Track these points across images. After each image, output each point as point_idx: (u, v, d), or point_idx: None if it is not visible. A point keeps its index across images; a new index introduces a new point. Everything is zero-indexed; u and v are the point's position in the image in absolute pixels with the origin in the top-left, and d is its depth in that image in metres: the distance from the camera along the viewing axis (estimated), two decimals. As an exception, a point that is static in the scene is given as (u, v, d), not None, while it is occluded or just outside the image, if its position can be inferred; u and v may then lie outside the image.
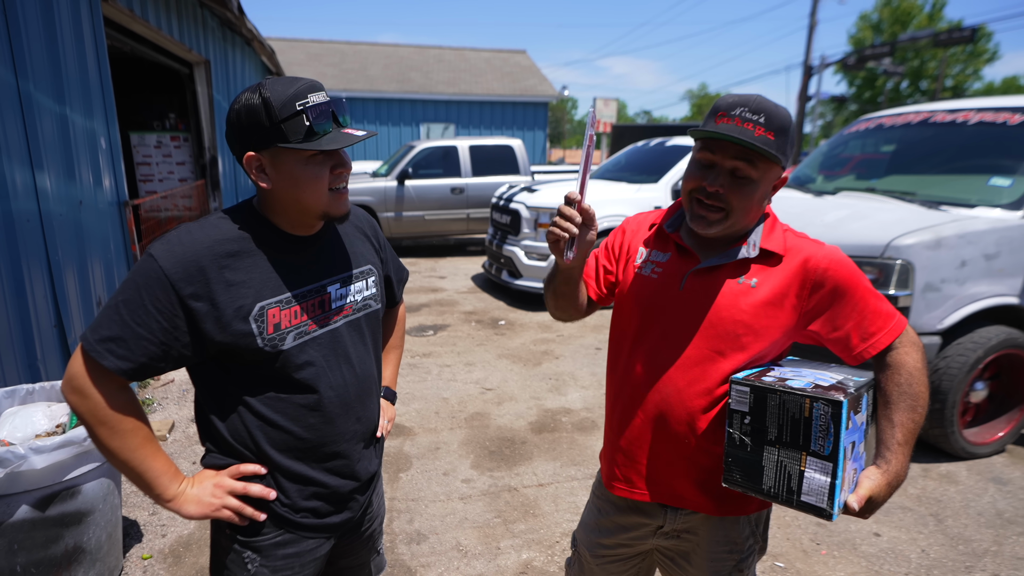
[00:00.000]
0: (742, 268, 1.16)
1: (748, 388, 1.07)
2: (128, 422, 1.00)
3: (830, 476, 0.99)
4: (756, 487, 1.07)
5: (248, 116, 0.98)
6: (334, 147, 0.98)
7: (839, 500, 1.00)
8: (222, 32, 6.86)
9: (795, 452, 1.02)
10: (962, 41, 16.89)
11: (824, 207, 3.57)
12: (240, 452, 1.08)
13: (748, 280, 1.15)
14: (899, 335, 1.13)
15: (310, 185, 1.02)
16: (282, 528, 1.11)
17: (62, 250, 2.91)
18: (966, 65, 33.30)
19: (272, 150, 0.99)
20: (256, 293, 1.02)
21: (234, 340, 1.00)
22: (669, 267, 1.21)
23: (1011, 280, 3.04)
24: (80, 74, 3.23)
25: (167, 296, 0.96)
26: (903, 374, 1.11)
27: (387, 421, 1.39)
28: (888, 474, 1.08)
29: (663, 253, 1.24)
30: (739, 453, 1.09)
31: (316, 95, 0.99)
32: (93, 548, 2.01)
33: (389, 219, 8.49)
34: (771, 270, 1.15)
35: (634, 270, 1.27)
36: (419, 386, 4.06)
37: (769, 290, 1.14)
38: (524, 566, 2.30)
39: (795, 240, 1.18)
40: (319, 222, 1.12)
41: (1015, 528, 2.58)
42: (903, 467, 1.08)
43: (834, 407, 0.98)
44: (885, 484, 1.07)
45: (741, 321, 1.14)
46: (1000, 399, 3.25)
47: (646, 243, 1.29)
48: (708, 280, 1.17)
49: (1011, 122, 3.41)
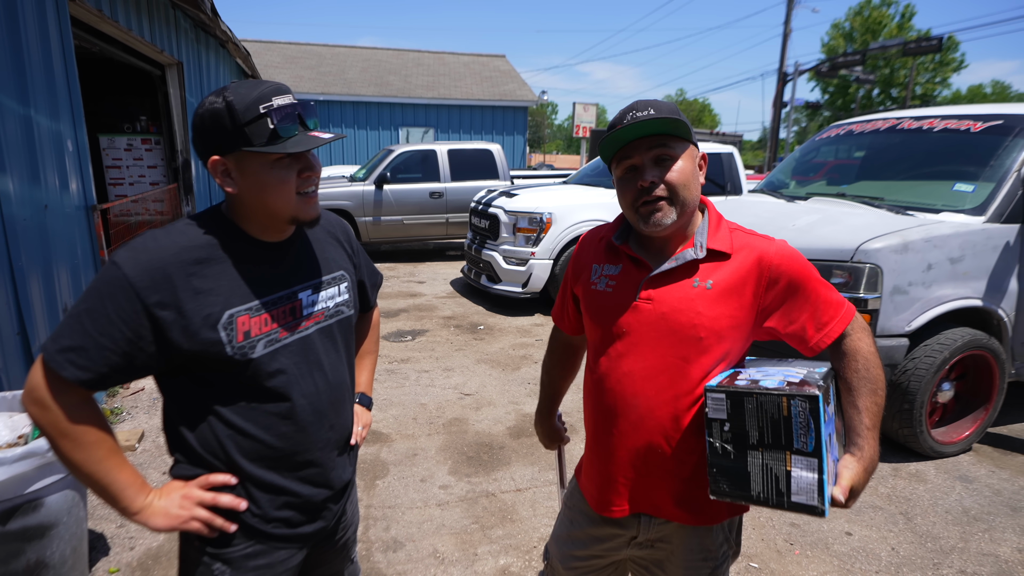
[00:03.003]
0: (693, 270, 1.17)
1: (724, 395, 1.06)
2: (91, 434, 0.97)
3: (817, 472, 0.99)
4: (745, 494, 1.05)
5: (212, 120, 0.97)
6: (298, 150, 0.96)
7: (827, 495, 1.00)
8: (195, 33, 6.75)
9: (779, 453, 1.02)
10: (930, 50, 17.42)
11: (796, 212, 3.64)
12: (210, 462, 1.05)
13: (703, 282, 1.16)
14: (851, 322, 1.15)
15: (276, 189, 1.00)
16: (253, 539, 1.09)
17: (26, 255, 2.82)
18: (934, 74, 34.37)
19: (237, 154, 0.98)
20: (225, 301, 1.00)
21: (203, 349, 0.98)
22: (622, 279, 1.22)
23: (975, 283, 3.13)
24: (46, 75, 3.15)
25: (131, 304, 0.94)
26: (859, 360, 1.12)
27: (362, 428, 1.38)
28: (863, 460, 1.08)
29: (615, 266, 1.25)
30: (723, 462, 1.07)
31: (281, 98, 0.98)
32: (57, 563, 1.95)
33: (367, 223, 8.42)
34: (723, 269, 1.16)
35: (590, 287, 1.28)
36: (397, 392, 4.03)
37: (724, 290, 1.14)
38: (502, 572, 2.29)
39: (743, 237, 1.19)
40: (289, 227, 1.10)
41: (980, 525, 2.65)
42: (875, 451, 1.09)
43: (811, 402, 0.99)
44: (862, 471, 1.07)
45: (700, 324, 1.14)
46: (966, 399, 3.34)
47: (598, 258, 1.29)
48: (663, 287, 1.17)
49: (974, 129, 3.52)
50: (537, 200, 6.07)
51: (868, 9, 34.15)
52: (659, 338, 1.16)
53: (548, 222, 5.81)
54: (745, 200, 4.38)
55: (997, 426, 3.58)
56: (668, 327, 1.15)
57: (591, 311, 1.27)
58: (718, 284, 1.15)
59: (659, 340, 1.16)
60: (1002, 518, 2.70)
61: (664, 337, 1.16)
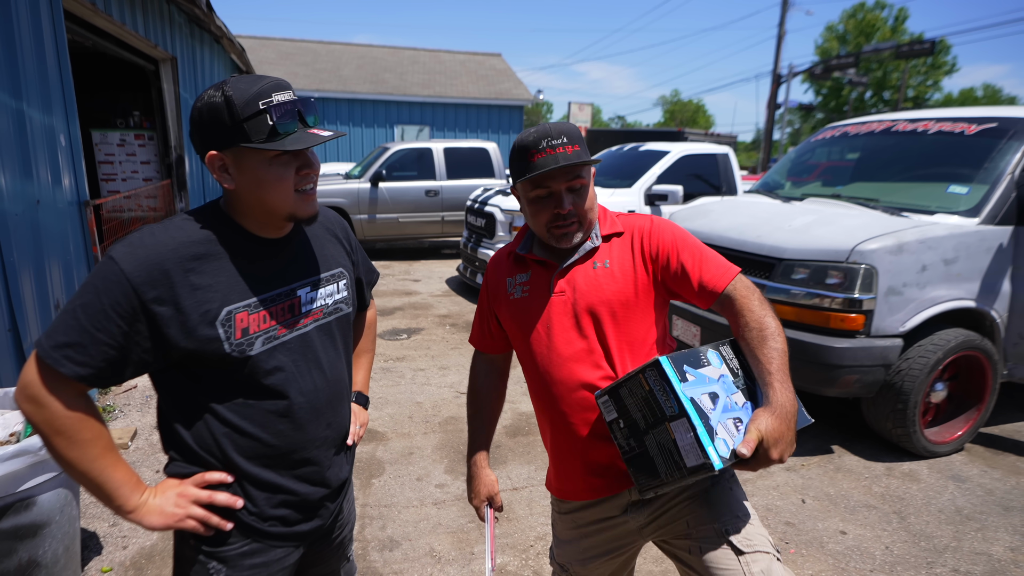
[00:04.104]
0: (591, 255, 1.30)
1: (606, 395, 1.13)
2: (87, 431, 0.95)
3: (691, 430, 1.00)
4: (659, 480, 1.07)
5: (210, 114, 0.95)
6: (297, 147, 0.95)
7: (718, 450, 1.00)
8: (190, 28, 6.70)
9: (661, 427, 1.05)
10: (923, 53, 17.52)
11: (792, 212, 3.65)
12: (206, 460, 1.04)
13: (601, 263, 1.29)
14: (731, 280, 1.22)
15: (274, 186, 0.99)
16: (249, 537, 1.08)
17: (17, 251, 2.79)
18: (926, 77, 34.63)
19: (235, 150, 0.97)
20: (223, 297, 0.99)
21: (200, 346, 0.97)
22: (534, 281, 1.33)
23: (968, 284, 3.15)
24: (39, 69, 3.11)
25: (128, 300, 0.92)
26: (746, 314, 1.18)
27: (359, 426, 1.37)
28: (772, 407, 1.06)
29: (524, 274, 1.36)
30: (633, 457, 1.10)
31: (281, 94, 0.97)
32: (49, 562, 1.93)
33: (362, 221, 8.39)
34: (616, 247, 1.30)
35: (508, 298, 1.37)
36: (392, 390, 4.01)
37: (620, 263, 1.28)
38: (498, 570, 2.29)
39: (626, 219, 1.35)
40: (287, 224, 1.09)
41: (973, 524, 2.67)
42: (785, 396, 1.08)
43: (656, 368, 1.04)
44: (772, 418, 1.04)
45: (610, 299, 1.25)
46: (958, 399, 3.36)
47: (509, 272, 1.39)
48: (571, 276, 1.29)
49: (968, 132, 3.54)
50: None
51: (862, 12, 34.38)
52: (575, 319, 1.27)
53: (544, 221, 5.81)
54: (740, 200, 4.39)
55: (989, 426, 3.61)
56: (584, 308, 1.26)
57: (515, 319, 1.36)
58: (614, 261, 1.29)
59: (576, 321, 1.27)
60: (994, 517, 2.72)
61: (580, 316, 1.26)
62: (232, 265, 1.02)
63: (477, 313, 1.50)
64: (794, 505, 2.80)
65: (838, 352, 2.97)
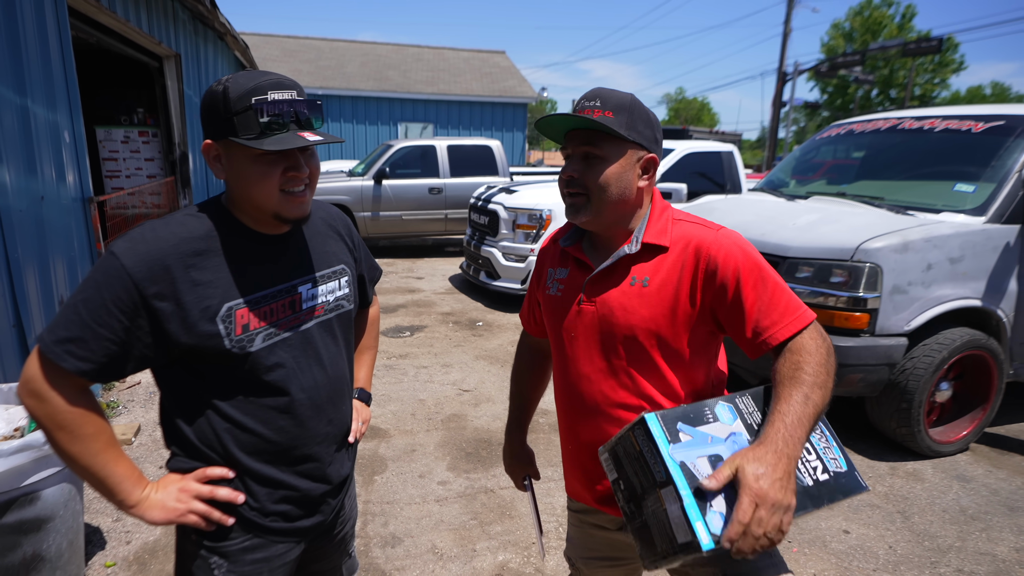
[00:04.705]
0: (629, 267, 1.12)
1: (607, 452, 0.99)
2: (89, 426, 0.96)
3: (677, 500, 0.85)
4: (655, 552, 0.91)
5: (210, 104, 0.96)
6: (273, 148, 0.92)
7: (710, 525, 0.84)
8: (193, 25, 6.71)
9: (654, 493, 0.89)
10: (930, 51, 17.42)
11: (796, 210, 3.64)
12: (207, 455, 1.04)
13: (640, 280, 1.10)
14: (800, 329, 1.01)
15: (258, 184, 0.98)
16: (251, 532, 1.08)
17: (22, 247, 2.80)
18: (934, 74, 34.39)
19: (225, 142, 0.97)
20: (224, 293, 0.99)
21: (200, 342, 0.97)
22: (569, 282, 1.21)
23: (974, 283, 3.13)
24: (43, 65, 3.12)
25: (129, 295, 0.92)
26: (800, 354, 0.98)
27: (361, 423, 1.37)
28: (759, 445, 0.88)
29: (563, 269, 1.24)
30: (634, 526, 0.94)
31: (280, 92, 0.95)
32: (53, 556, 1.94)
33: (366, 219, 8.40)
34: (660, 264, 1.10)
35: (546, 291, 1.28)
36: (395, 388, 4.02)
37: (662, 283, 1.08)
38: (500, 568, 2.29)
39: (685, 228, 1.12)
40: (280, 222, 1.07)
41: (978, 524, 2.65)
42: (779, 435, 0.89)
43: (641, 426, 0.90)
44: (750, 455, 0.87)
45: (636, 325, 1.09)
46: (964, 399, 3.34)
47: (553, 261, 1.29)
48: (602, 289, 1.14)
49: (975, 130, 3.51)
50: (537, 197, 6.06)
51: (868, 9, 34.15)
52: (602, 341, 1.14)
53: (548, 219, 5.80)
54: (745, 198, 4.38)
55: (995, 426, 3.59)
56: (608, 329, 1.13)
57: (547, 315, 1.28)
58: (655, 280, 1.09)
59: (602, 343, 1.14)
60: (999, 517, 2.70)
61: (606, 340, 1.14)
62: (234, 261, 1.01)
63: (528, 291, 1.42)
64: (797, 504, 2.79)
65: (842, 351, 2.95)
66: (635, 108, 1.10)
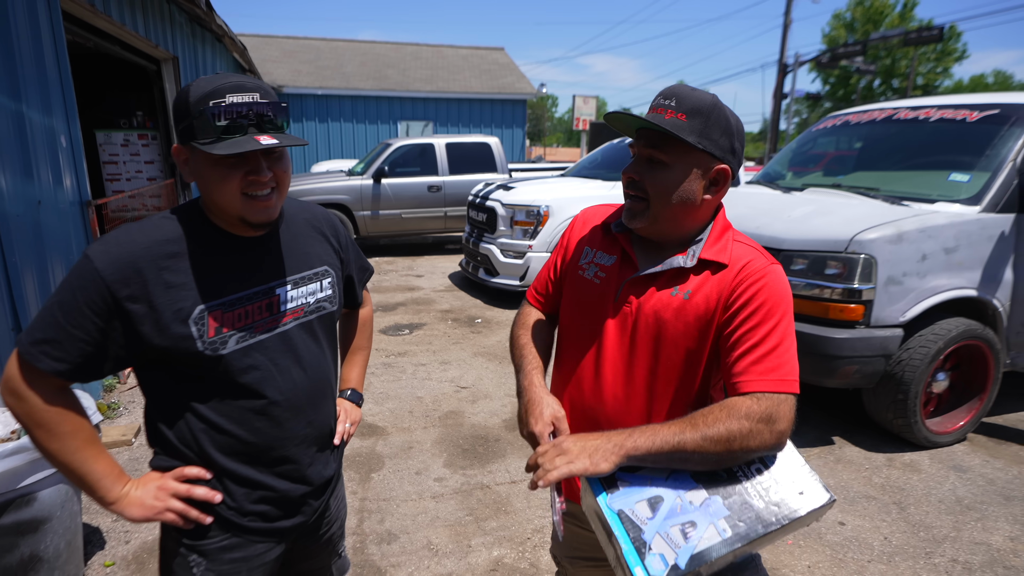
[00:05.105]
0: (679, 279, 1.08)
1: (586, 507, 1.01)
2: (66, 424, 0.97)
3: (618, 547, 0.90)
4: None
5: (175, 107, 0.99)
6: (222, 151, 0.92)
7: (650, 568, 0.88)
8: (191, 28, 6.73)
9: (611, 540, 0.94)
10: (931, 40, 17.26)
11: (791, 203, 3.63)
12: (185, 455, 1.06)
13: (682, 292, 1.06)
14: (765, 391, 0.97)
15: (218, 187, 0.98)
16: (229, 532, 1.09)
17: (19, 251, 2.83)
18: (936, 64, 34.11)
19: (189, 146, 0.98)
20: (197, 296, 1.00)
21: (173, 343, 0.98)
22: (611, 273, 1.15)
23: (970, 273, 3.12)
24: (37, 70, 3.14)
25: (102, 298, 0.94)
26: (729, 407, 0.96)
27: (350, 424, 1.36)
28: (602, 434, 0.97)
29: (609, 256, 1.17)
30: (614, 567, 0.95)
31: (239, 95, 0.94)
32: (51, 556, 1.96)
33: (365, 217, 8.42)
34: (706, 280, 1.06)
35: (577, 271, 1.21)
36: (393, 385, 4.03)
37: (702, 301, 1.05)
38: (495, 563, 2.31)
39: (743, 249, 1.08)
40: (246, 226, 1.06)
41: (973, 514, 2.65)
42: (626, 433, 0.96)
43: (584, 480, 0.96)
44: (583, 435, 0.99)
45: (669, 337, 1.07)
46: (961, 389, 3.34)
47: (592, 241, 1.22)
48: (642, 292, 1.10)
49: (970, 119, 3.50)
50: (534, 193, 6.06)
51: (869, -1, 33.90)
52: (630, 347, 1.11)
53: (545, 215, 5.80)
54: (741, 191, 4.37)
55: (993, 416, 3.58)
56: (639, 337, 1.10)
57: (571, 297, 1.23)
58: (697, 295, 1.06)
59: (630, 349, 1.11)
60: (995, 507, 2.70)
61: (635, 347, 1.11)
62: (208, 264, 1.02)
63: (547, 263, 1.33)
64: (793, 496, 2.79)
65: (837, 343, 2.95)
66: (713, 113, 1.03)
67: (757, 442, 0.94)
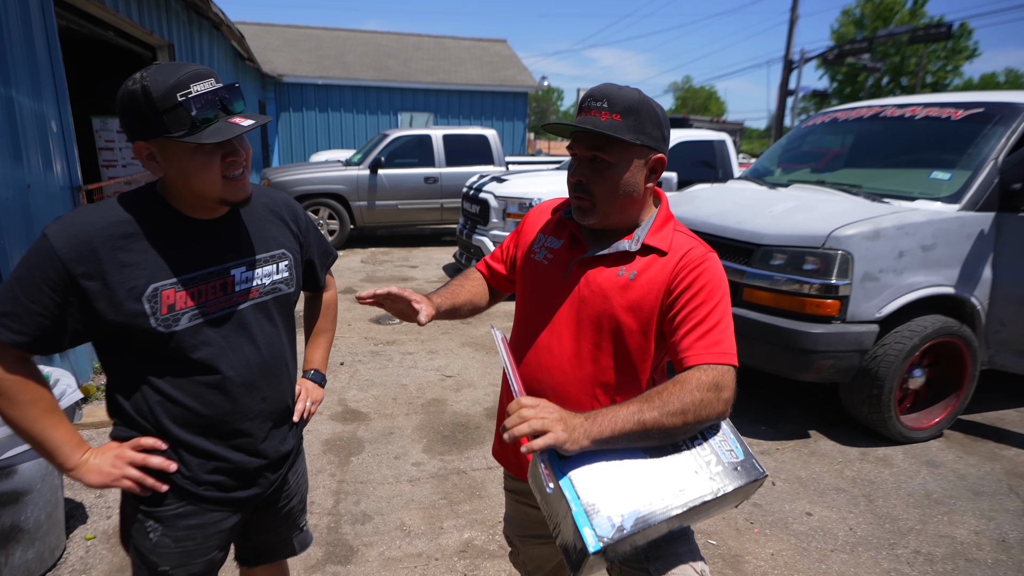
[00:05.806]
0: (624, 260, 1.17)
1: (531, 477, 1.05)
2: (26, 393, 1.02)
3: (569, 511, 0.94)
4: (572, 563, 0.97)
5: (131, 106, 0.99)
6: (215, 140, 0.97)
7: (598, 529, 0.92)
8: (187, 15, 6.75)
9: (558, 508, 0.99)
10: (939, 38, 17.14)
11: (774, 198, 3.66)
12: (142, 426, 1.11)
13: (628, 273, 1.15)
14: (708, 363, 1.05)
15: (200, 174, 1.03)
16: (184, 500, 1.14)
17: (8, 235, 2.88)
18: (946, 61, 33.81)
19: (158, 141, 1.00)
20: (150, 275, 1.04)
21: (127, 320, 1.03)
22: (560, 254, 1.24)
23: (948, 271, 3.15)
24: (27, 56, 3.18)
25: (58, 274, 0.98)
26: (681, 382, 1.03)
27: (311, 403, 1.41)
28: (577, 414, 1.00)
29: (557, 240, 1.26)
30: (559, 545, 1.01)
31: (200, 83, 0.98)
32: (32, 527, 2.02)
33: (361, 208, 8.45)
34: (651, 263, 1.15)
35: (530, 255, 1.30)
36: (379, 373, 4.09)
37: (646, 281, 1.14)
38: (465, 544, 2.36)
39: (683, 239, 1.17)
40: (220, 206, 1.13)
41: (941, 508, 2.70)
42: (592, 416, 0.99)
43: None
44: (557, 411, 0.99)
45: (613, 315, 1.14)
46: (938, 386, 3.37)
47: (544, 229, 1.31)
48: (590, 271, 1.18)
49: (955, 117, 3.51)
50: (527, 186, 6.09)
51: (879, -5, 33.57)
52: (576, 320, 1.18)
53: (537, 207, 5.83)
54: (727, 187, 4.39)
55: (972, 413, 3.62)
56: (586, 311, 1.17)
57: (524, 279, 1.30)
58: (642, 277, 1.14)
59: (576, 322, 1.19)
60: (963, 502, 2.74)
61: (581, 320, 1.18)
62: (162, 244, 1.07)
63: (503, 246, 1.44)
64: (764, 487, 2.84)
65: (812, 337, 2.99)
66: (643, 108, 1.10)
67: (708, 411, 1.02)
